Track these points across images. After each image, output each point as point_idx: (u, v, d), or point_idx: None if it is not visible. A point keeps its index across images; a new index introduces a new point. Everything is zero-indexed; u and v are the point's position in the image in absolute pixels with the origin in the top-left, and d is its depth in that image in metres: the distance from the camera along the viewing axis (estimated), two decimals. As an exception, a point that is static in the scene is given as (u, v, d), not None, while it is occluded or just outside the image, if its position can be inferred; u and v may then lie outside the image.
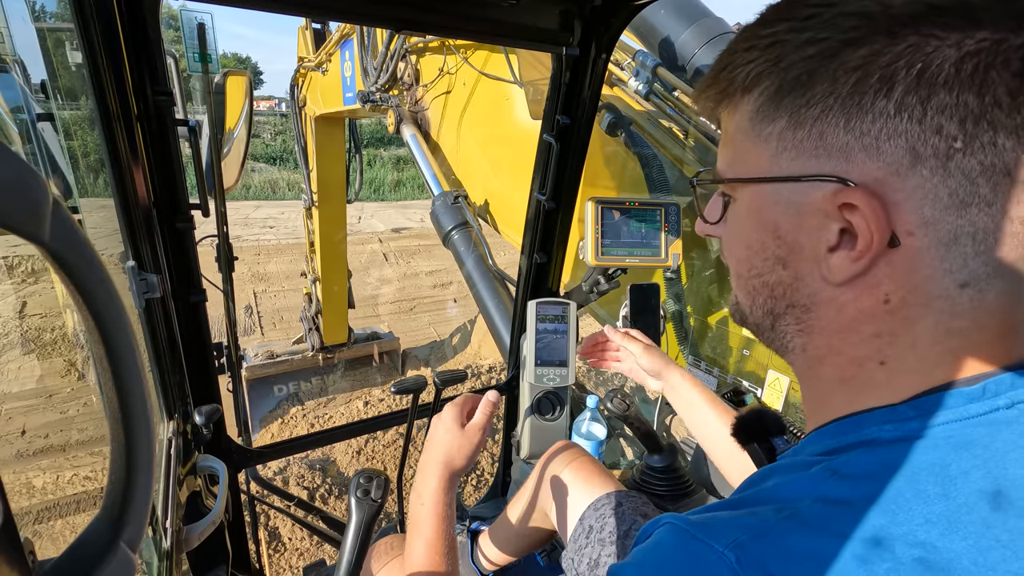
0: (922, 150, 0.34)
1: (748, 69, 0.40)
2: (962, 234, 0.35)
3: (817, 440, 0.42)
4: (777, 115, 0.40)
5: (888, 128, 0.35)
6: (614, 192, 2.08)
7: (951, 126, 0.33)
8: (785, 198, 0.41)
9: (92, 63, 0.83)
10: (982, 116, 0.32)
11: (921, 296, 0.37)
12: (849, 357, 0.41)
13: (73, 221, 0.28)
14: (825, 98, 0.37)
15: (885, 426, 0.38)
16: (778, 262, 0.43)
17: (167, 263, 1.05)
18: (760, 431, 0.54)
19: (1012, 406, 0.36)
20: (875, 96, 0.35)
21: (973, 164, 0.33)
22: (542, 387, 1.61)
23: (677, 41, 2.08)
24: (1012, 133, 0.32)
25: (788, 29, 0.38)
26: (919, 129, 0.34)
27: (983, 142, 0.33)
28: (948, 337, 0.37)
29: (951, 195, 0.34)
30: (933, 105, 0.33)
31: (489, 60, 2.20)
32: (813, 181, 0.38)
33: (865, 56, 0.35)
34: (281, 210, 15.32)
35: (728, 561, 0.34)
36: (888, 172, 0.36)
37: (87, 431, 4.72)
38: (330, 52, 3.68)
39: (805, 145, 0.39)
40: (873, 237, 0.36)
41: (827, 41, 0.36)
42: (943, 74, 0.32)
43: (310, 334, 6.03)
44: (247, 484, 1.53)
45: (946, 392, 0.37)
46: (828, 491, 0.36)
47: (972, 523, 0.32)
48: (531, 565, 1.50)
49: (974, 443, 0.35)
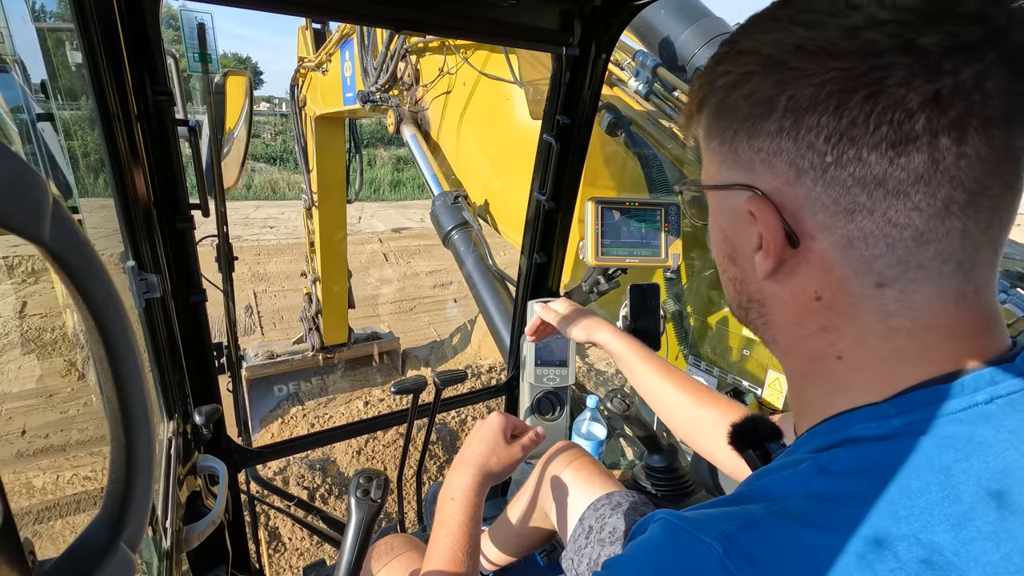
0: (801, 164, 0.39)
1: (698, 94, 0.47)
2: (855, 238, 0.39)
3: (809, 440, 0.44)
4: (712, 134, 0.46)
5: (774, 146, 0.40)
6: (614, 192, 2.08)
7: (820, 143, 0.38)
8: (725, 204, 0.47)
9: (92, 63, 0.83)
10: (844, 134, 0.37)
11: (848, 295, 0.41)
12: (807, 351, 0.45)
13: (73, 221, 0.28)
14: (734, 121, 0.43)
15: (868, 424, 0.39)
16: (730, 260, 0.49)
17: (167, 263, 1.05)
18: (755, 437, 0.55)
19: (991, 401, 0.37)
20: (762, 119, 0.41)
21: (846, 176, 0.38)
22: (542, 387, 1.61)
23: (677, 41, 2.09)
24: (875, 148, 0.36)
25: (716, 63, 0.45)
26: (795, 146, 0.39)
27: (850, 156, 0.37)
28: (893, 335, 0.40)
29: (835, 203, 0.39)
30: (803, 126, 0.38)
31: (489, 60, 2.20)
32: (734, 189, 0.45)
33: (753, 87, 0.41)
34: (281, 210, 15.33)
35: (716, 552, 0.35)
36: (781, 183, 0.41)
37: (87, 431, 4.72)
38: (330, 52, 3.69)
39: (729, 159, 0.45)
40: (770, 237, 0.42)
41: (732, 74, 0.43)
42: (806, 100, 0.38)
43: (310, 334, 6.03)
44: (247, 484, 1.53)
45: (925, 389, 0.39)
46: (817, 488, 0.37)
47: (957, 517, 0.33)
48: (531, 565, 1.50)
49: (957, 438, 0.36)
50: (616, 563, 0.42)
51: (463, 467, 0.93)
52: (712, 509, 0.40)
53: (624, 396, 1.31)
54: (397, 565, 1.10)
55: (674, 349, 2.08)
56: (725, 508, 0.40)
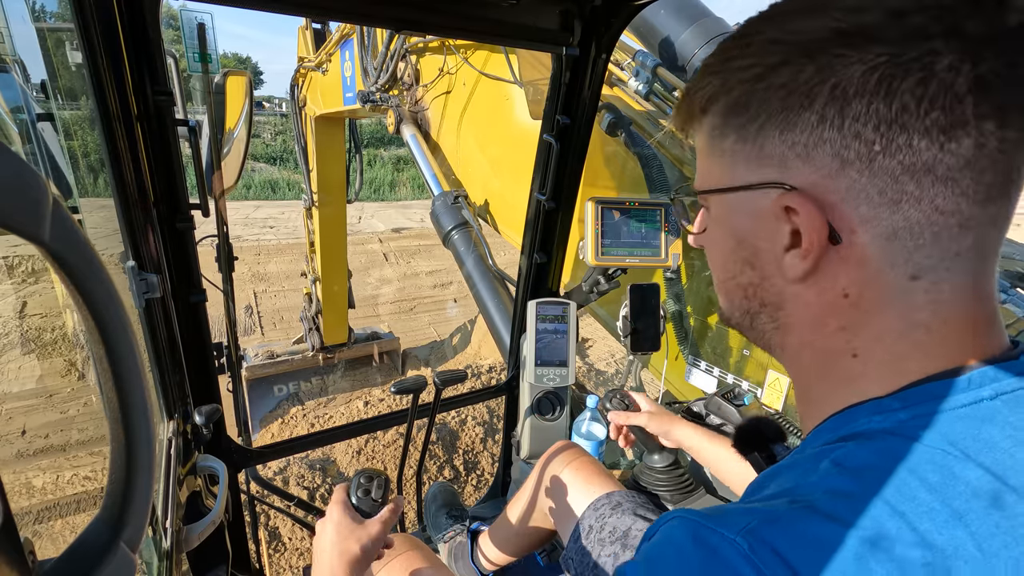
0: (846, 155, 0.38)
1: (703, 93, 0.45)
2: (899, 229, 0.38)
3: (817, 437, 0.44)
4: (727, 132, 0.44)
5: (814, 137, 0.39)
6: (614, 192, 2.08)
7: (868, 132, 0.37)
8: (743, 206, 0.45)
9: (92, 63, 0.83)
10: (894, 121, 0.36)
11: (877, 289, 0.40)
12: (822, 351, 0.44)
13: (73, 221, 0.28)
14: (760, 115, 0.41)
15: (874, 417, 0.40)
16: (746, 264, 0.47)
17: (167, 263, 1.05)
18: (760, 440, 0.55)
19: (996, 397, 0.37)
20: (800, 110, 0.39)
21: (894, 164, 0.37)
22: (542, 387, 1.61)
23: (677, 41, 2.08)
24: (925, 134, 0.35)
25: (731, 57, 0.43)
26: (840, 136, 0.38)
27: (899, 144, 0.36)
28: (913, 330, 0.40)
29: (881, 194, 0.38)
30: (849, 114, 0.37)
31: (489, 60, 2.20)
32: (761, 188, 0.43)
33: (788, 76, 0.39)
34: (281, 210, 15.33)
35: (740, 548, 0.34)
36: (821, 176, 0.39)
37: (87, 431, 4.72)
38: (330, 52, 3.68)
39: (751, 157, 0.43)
40: (814, 235, 0.40)
41: (758, 66, 0.41)
42: (853, 87, 0.37)
43: (310, 334, 6.02)
44: (247, 484, 1.53)
45: (931, 384, 0.39)
46: (835, 482, 0.37)
47: (973, 512, 0.33)
48: (531, 565, 1.50)
49: (963, 433, 0.36)
50: (631, 569, 0.40)
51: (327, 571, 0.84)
52: (731, 506, 0.40)
53: (623, 396, 1.31)
54: (397, 565, 1.10)
55: (674, 349, 2.08)
56: (743, 505, 0.40)
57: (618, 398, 1.31)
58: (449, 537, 1.55)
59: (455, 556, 1.48)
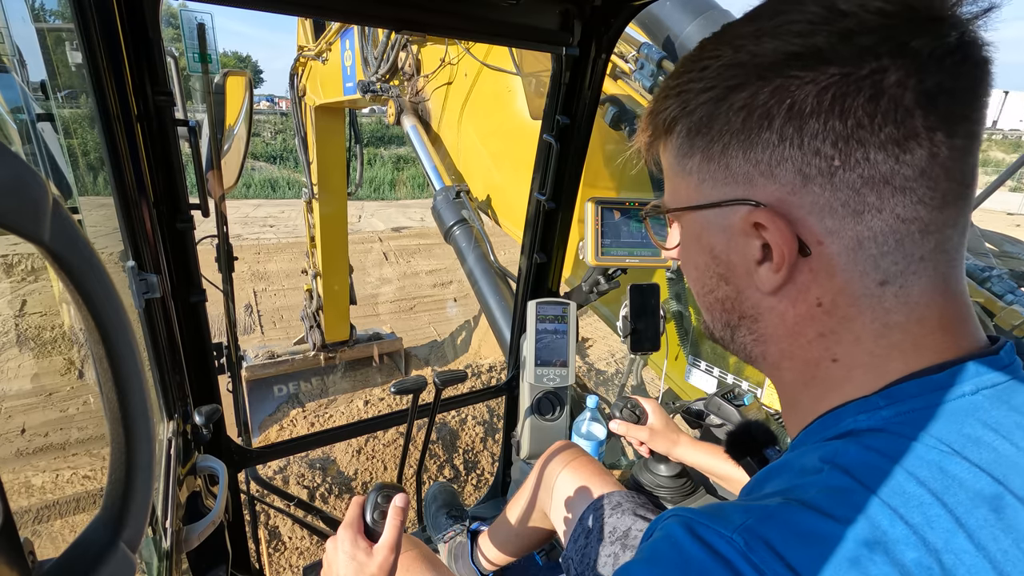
0: (808, 171, 0.39)
1: (666, 115, 0.46)
2: (864, 238, 0.39)
3: (804, 439, 0.45)
4: (692, 152, 0.45)
5: (776, 155, 0.40)
6: (614, 192, 2.08)
7: (826, 148, 0.38)
8: (714, 222, 0.46)
9: (92, 63, 0.83)
10: (851, 136, 0.38)
11: (848, 297, 0.41)
12: (803, 359, 0.45)
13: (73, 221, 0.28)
14: (723, 135, 0.43)
15: (860, 416, 0.41)
16: (721, 279, 0.48)
17: (167, 263, 1.05)
18: (751, 444, 0.56)
19: (976, 392, 0.39)
20: (760, 130, 0.40)
21: (854, 178, 0.38)
22: (542, 387, 1.61)
23: (683, 34, 2.06)
24: (881, 148, 0.37)
25: (690, 79, 0.44)
26: (800, 153, 0.39)
27: (857, 158, 0.38)
28: (889, 331, 0.41)
29: (844, 206, 0.39)
30: (807, 132, 0.39)
31: (491, 51, 2.19)
32: (730, 205, 0.44)
33: (747, 98, 0.40)
34: (281, 209, 15.32)
35: (737, 545, 0.35)
36: (786, 192, 0.41)
37: (87, 430, 4.72)
38: (330, 41, 3.66)
39: (718, 175, 0.44)
40: (784, 249, 0.41)
41: (716, 88, 0.42)
42: (808, 106, 0.38)
43: (311, 331, 6.00)
44: (247, 484, 1.53)
45: (914, 381, 0.40)
46: (828, 480, 0.38)
47: (962, 505, 0.34)
48: (531, 565, 1.51)
49: (947, 428, 0.37)
50: (631, 569, 0.41)
51: None
52: (726, 505, 0.41)
53: (635, 406, 1.31)
54: (399, 565, 1.10)
55: (674, 349, 2.08)
56: (739, 503, 0.41)
57: (628, 407, 1.30)
58: (449, 537, 1.55)
59: (455, 556, 1.48)
